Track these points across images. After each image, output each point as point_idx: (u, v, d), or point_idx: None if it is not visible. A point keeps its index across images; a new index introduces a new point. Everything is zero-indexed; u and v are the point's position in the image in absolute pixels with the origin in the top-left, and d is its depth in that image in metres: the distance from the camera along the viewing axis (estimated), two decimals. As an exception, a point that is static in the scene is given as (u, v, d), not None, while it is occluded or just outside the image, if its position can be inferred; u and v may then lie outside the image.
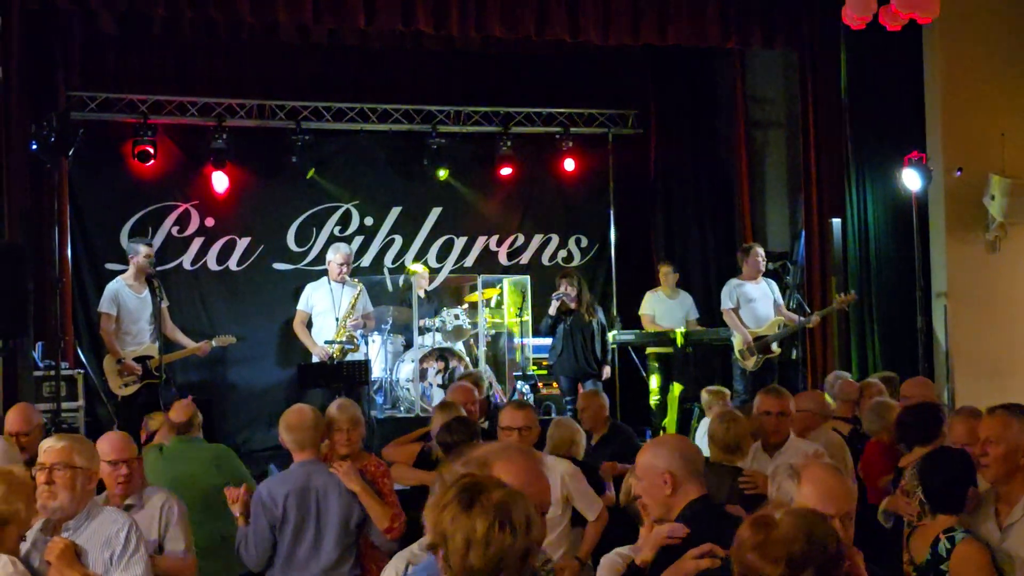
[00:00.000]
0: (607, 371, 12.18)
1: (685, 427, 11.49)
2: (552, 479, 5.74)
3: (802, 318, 12.26)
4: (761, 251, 12.45)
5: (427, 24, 11.43)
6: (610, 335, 12.56)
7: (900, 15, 11.62)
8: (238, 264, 13.40)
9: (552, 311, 11.98)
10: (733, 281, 12.39)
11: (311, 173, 13.31)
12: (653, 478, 4.26)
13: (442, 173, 13.80)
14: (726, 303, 12.27)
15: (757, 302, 12.22)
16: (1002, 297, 11.99)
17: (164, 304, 11.12)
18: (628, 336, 12.83)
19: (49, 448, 4.60)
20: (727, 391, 10.17)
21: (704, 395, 9.71)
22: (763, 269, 12.36)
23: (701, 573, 3.83)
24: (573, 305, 11.90)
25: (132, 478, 5.38)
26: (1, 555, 4.28)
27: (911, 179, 12.26)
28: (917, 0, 11.60)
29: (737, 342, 12.15)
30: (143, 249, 11.26)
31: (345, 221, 13.77)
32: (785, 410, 6.98)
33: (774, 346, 12.13)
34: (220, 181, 13.17)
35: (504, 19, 11.54)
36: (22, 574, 4.30)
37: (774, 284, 12.44)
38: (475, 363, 12.87)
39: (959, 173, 12.21)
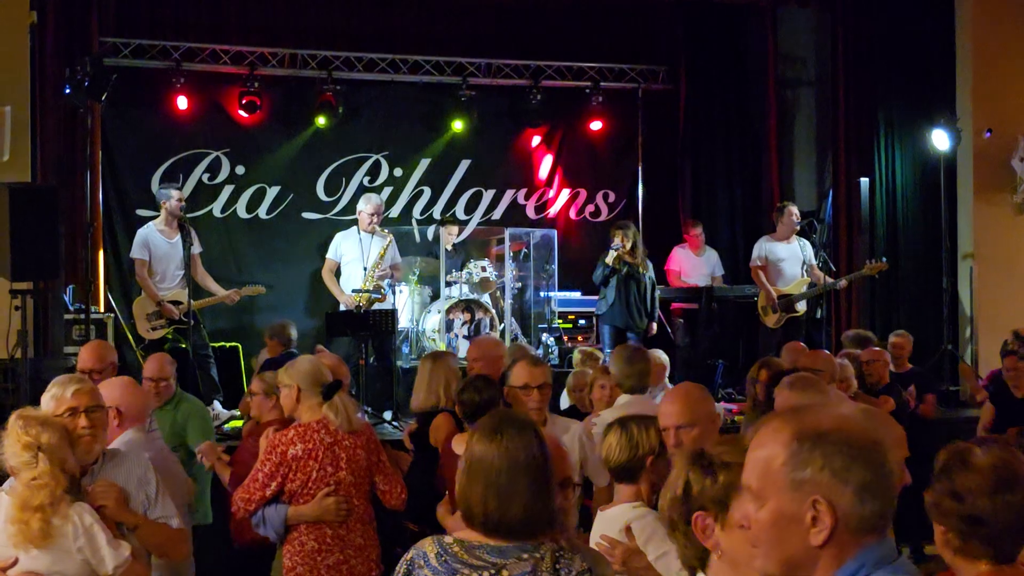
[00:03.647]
0: (654, 327, 12.10)
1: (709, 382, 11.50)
2: (570, 443, 5.59)
3: (830, 280, 12.20)
4: (795, 210, 12.40)
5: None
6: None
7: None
8: (267, 212, 13.40)
9: (609, 260, 11.87)
10: (764, 239, 12.37)
11: (319, 122, 13.23)
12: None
13: (463, 126, 13.70)
14: (754, 260, 12.26)
15: (785, 261, 12.20)
16: (1013, 256, 12.00)
17: (196, 250, 11.17)
18: (660, 290, 12.78)
19: (78, 390, 4.50)
20: (600, 354, 10.14)
21: (576, 354, 9.72)
22: (796, 229, 12.29)
23: None
24: (629, 258, 11.82)
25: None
26: (80, 504, 4.26)
27: (940, 140, 12.25)
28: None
29: (761, 299, 12.14)
30: (174, 195, 11.28)
31: (374, 172, 13.73)
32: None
33: (799, 306, 12.08)
34: (250, 129, 13.18)
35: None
36: (99, 519, 4.28)
37: (807, 245, 12.38)
38: (501, 316, 12.88)
39: (988, 134, 12.16)
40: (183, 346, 10.51)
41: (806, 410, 2.42)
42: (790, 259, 12.23)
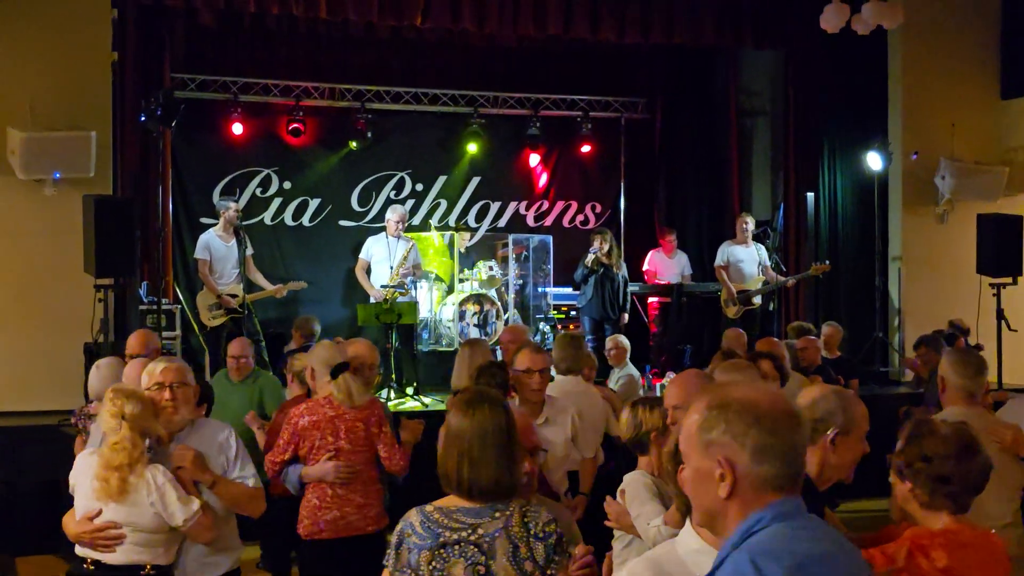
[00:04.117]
0: (625, 317, 12.14)
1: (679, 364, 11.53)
2: (564, 420, 5.71)
3: (781, 278, 12.25)
4: (751, 220, 12.46)
5: (472, 23, 11.44)
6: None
7: (869, 22, 11.54)
8: (310, 221, 13.42)
9: (588, 263, 11.93)
10: (726, 243, 12.43)
11: (353, 145, 13.28)
12: None
13: (475, 148, 13.72)
14: (718, 261, 12.32)
15: (744, 262, 12.26)
16: (947, 261, 11.94)
17: (249, 252, 11.20)
18: (634, 287, 12.81)
19: (166, 368, 4.50)
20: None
21: None
22: (748, 235, 12.32)
23: None
24: (605, 260, 11.87)
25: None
26: (155, 466, 4.27)
27: (874, 161, 12.26)
28: (884, 10, 11.52)
29: (723, 294, 12.19)
30: (231, 206, 11.33)
31: (399, 187, 13.75)
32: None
33: (755, 300, 12.15)
34: (296, 150, 13.21)
35: (535, 20, 11.53)
36: (172, 479, 4.30)
37: (763, 248, 12.43)
38: (505, 308, 12.90)
39: (915, 156, 12.16)
40: (238, 332, 10.57)
41: (723, 385, 2.45)
42: (748, 261, 12.27)
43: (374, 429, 5.47)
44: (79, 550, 4.38)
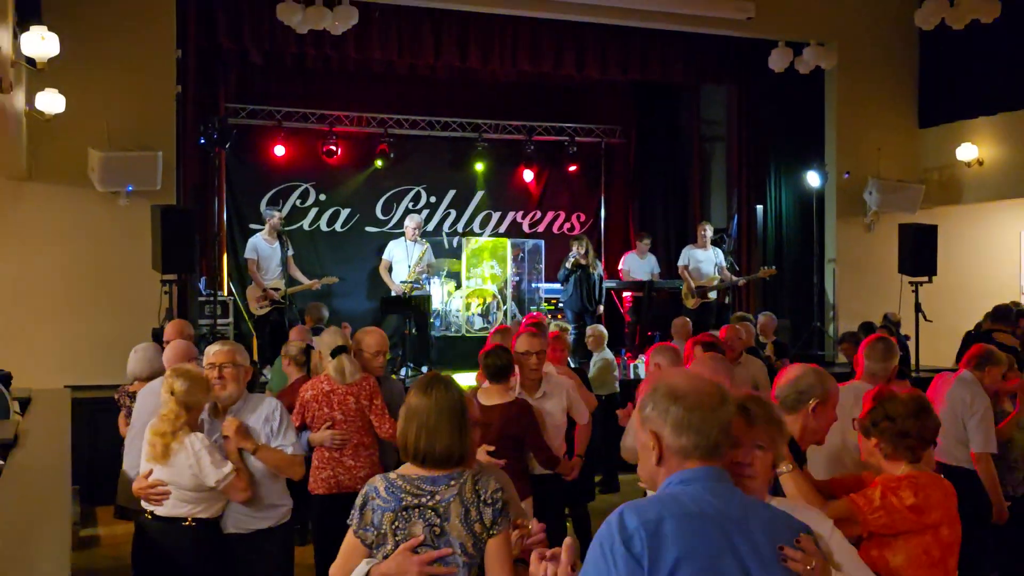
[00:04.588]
0: (600, 309, 12.17)
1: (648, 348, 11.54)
2: (560, 393, 5.64)
3: (734, 278, 12.31)
4: (709, 227, 12.52)
5: (477, 62, 11.55)
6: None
7: (809, 63, 11.62)
8: (341, 227, 13.46)
9: (568, 264, 11.98)
10: (688, 247, 12.48)
11: (378, 164, 13.29)
12: None
13: (479, 167, 13.75)
14: (680, 262, 12.36)
15: (703, 263, 12.30)
16: (874, 263, 12.00)
17: (290, 253, 11.25)
18: (611, 283, 12.86)
19: (218, 351, 4.48)
20: (568, 325, 10.66)
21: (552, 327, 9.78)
22: (707, 240, 12.37)
23: None
24: (583, 261, 11.91)
25: None
26: (195, 432, 4.29)
27: (813, 179, 12.32)
28: (821, 53, 11.62)
29: (684, 289, 12.25)
30: (275, 214, 11.39)
31: (416, 199, 13.78)
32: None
33: (711, 295, 12.21)
34: (330, 168, 13.25)
35: (530, 60, 11.64)
36: (210, 445, 4.29)
37: (720, 252, 12.46)
38: (504, 300, 12.95)
39: (847, 175, 12.22)
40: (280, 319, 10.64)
41: (665, 370, 2.52)
42: (706, 262, 12.30)
43: (364, 402, 5.44)
44: (143, 503, 4.42)
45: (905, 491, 3.07)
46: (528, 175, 14.26)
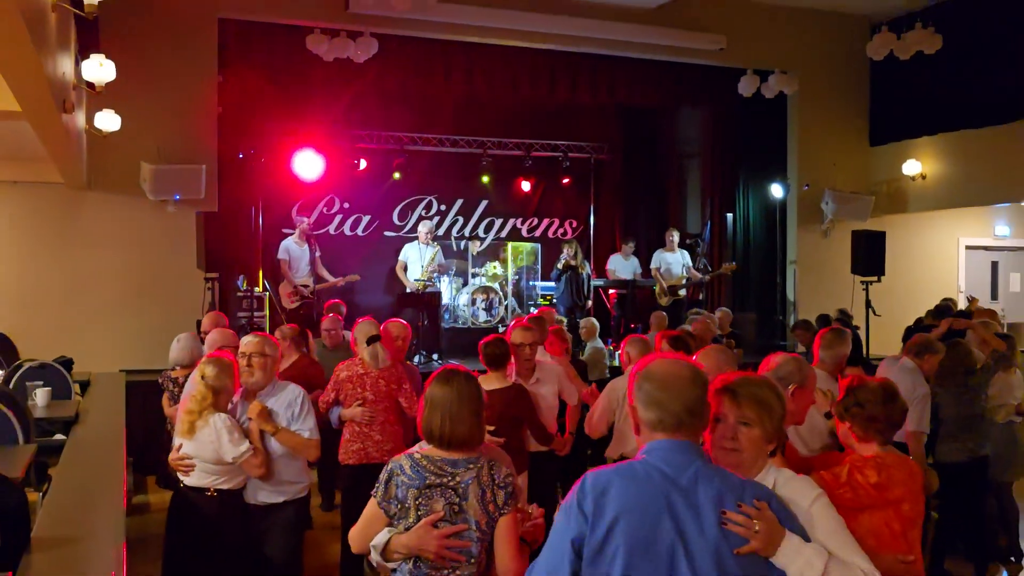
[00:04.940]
0: (589, 304, 12.21)
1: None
2: (552, 379, 5.64)
3: (700, 275, 12.32)
4: (675, 234, 12.55)
5: (482, 87, 11.52)
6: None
7: (774, 89, 11.62)
8: (363, 231, 13.42)
9: (560, 265, 12.04)
10: (658, 251, 12.50)
11: (395, 176, 13.27)
12: None
13: (484, 179, 13.72)
14: (652, 264, 12.40)
15: (672, 265, 12.32)
16: (829, 265, 12.01)
17: (317, 254, 11.26)
18: (599, 282, 12.85)
19: (248, 342, 4.49)
20: (563, 318, 10.22)
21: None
22: (674, 244, 12.42)
23: None
24: (573, 262, 11.94)
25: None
26: (219, 412, 4.30)
27: (776, 190, 12.31)
28: (784, 80, 11.62)
29: (657, 288, 12.27)
30: (304, 220, 11.44)
31: (428, 207, 13.75)
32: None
33: (681, 292, 12.22)
34: (353, 180, 13.22)
35: (530, 85, 11.66)
36: (233, 425, 4.29)
37: (687, 254, 12.47)
38: (505, 296, 12.94)
39: (807, 187, 12.22)
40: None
41: (661, 357, 2.51)
42: (675, 263, 12.31)
43: (393, 386, 5.49)
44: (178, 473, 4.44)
45: (870, 470, 3.04)
46: (526, 186, 14.22)
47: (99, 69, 6.57)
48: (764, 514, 2.26)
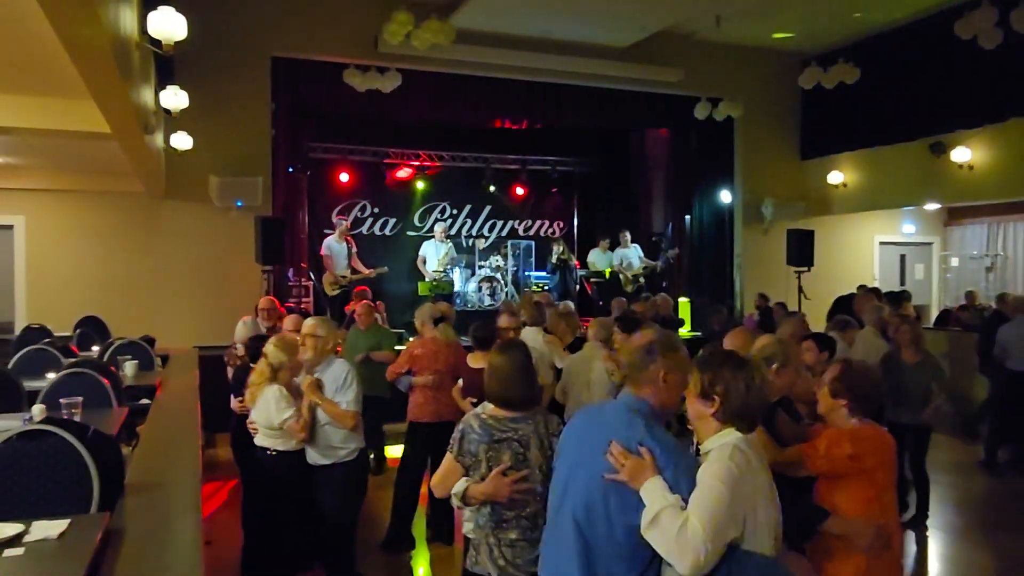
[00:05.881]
0: (577, 289, 12.18)
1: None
2: (537, 359, 5.50)
3: (653, 263, 12.51)
4: (627, 233, 12.70)
5: (487, 112, 11.44)
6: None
7: (723, 112, 11.53)
8: (390, 231, 13.32)
9: (554, 260, 12.06)
10: (618, 249, 12.60)
11: (418, 186, 13.16)
12: None
13: (492, 188, 13.60)
14: (615, 261, 12.51)
15: (631, 258, 12.48)
16: (769, 258, 11.93)
17: (353, 250, 11.15)
18: (582, 272, 12.80)
19: (305, 324, 4.37)
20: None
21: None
22: (627, 242, 12.53)
23: None
24: (564, 257, 11.94)
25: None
26: (275, 384, 4.20)
27: (726, 197, 12.22)
28: (731, 107, 11.52)
29: (622, 279, 12.24)
30: (343, 222, 11.37)
31: (443, 212, 13.65)
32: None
33: (641, 280, 12.31)
34: (381, 189, 13.11)
35: (525, 112, 11.59)
36: (282, 396, 4.17)
37: (639, 247, 12.64)
38: (506, 284, 12.87)
39: (750, 195, 12.12)
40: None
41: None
42: (632, 257, 12.41)
43: (453, 359, 5.43)
44: None
45: (845, 443, 2.85)
46: (522, 193, 14.13)
47: (174, 98, 6.47)
48: (637, 457, 2.20)
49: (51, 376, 4.82)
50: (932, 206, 12.86)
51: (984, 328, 8.50)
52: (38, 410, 3.87)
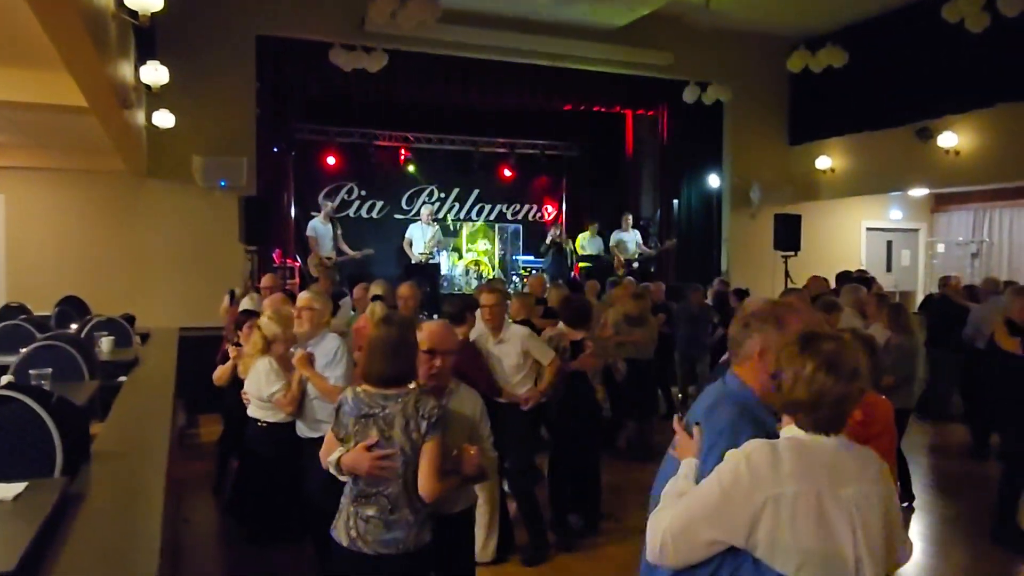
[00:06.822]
0: (571, 274, 12.13)
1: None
2: (515, 340, 5.04)
3: (648, 250, 12.37)
4: (629, 217, 12.53)
5: (475, 95, 11.36)
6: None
7: (712, 97, 11.49)
8: (377, 214, 13.28)
9: (548, 242, 12.07)
10: (615, 231, 12.47)
11: (409, 169, 13.10)
12: None
13: (476, 171, 13.53)
14: (611, 243, 12.36)
15: (627, 242, 12.25)
16: (756, 242, 11.94)
17: (339, 232, 11.07)
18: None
19: (301, 296, 4.35)
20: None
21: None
22: (628, 225, 12.39)
23: None
24: (558, 240, 11.93)
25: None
26: (265, 357, 4.19)
27: (714, 181, 12.21)
28: (720, 90, 11.48)
29: (615, 261, 12.22)
30: (329, 204, 11.24)
31: (430, 194, 13.61)
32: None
33: (635, 264, 12.16)
34: (369, 171, 13.01)
35: (515, 94, 11.50)
36: (275, 370, 4.16)
37: (639, 233, 12.43)
38: (493, 268, 12.83)
39: (738, 180, 12.11)
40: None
41: None
42: (629, 241, 12.28)
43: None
44: None
45: (856, 411, 2.87)
46: (510, 177, 14.08)
47: (154, 73, 6.40)
48: (689, 434, 2.08)
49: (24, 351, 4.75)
50: (919, 192, 12.88)
51: (938, 309, 8.86)
52: (4, 380, 3.81)
